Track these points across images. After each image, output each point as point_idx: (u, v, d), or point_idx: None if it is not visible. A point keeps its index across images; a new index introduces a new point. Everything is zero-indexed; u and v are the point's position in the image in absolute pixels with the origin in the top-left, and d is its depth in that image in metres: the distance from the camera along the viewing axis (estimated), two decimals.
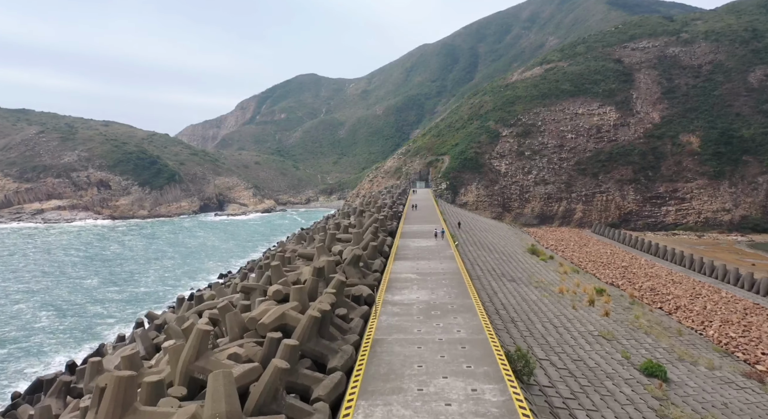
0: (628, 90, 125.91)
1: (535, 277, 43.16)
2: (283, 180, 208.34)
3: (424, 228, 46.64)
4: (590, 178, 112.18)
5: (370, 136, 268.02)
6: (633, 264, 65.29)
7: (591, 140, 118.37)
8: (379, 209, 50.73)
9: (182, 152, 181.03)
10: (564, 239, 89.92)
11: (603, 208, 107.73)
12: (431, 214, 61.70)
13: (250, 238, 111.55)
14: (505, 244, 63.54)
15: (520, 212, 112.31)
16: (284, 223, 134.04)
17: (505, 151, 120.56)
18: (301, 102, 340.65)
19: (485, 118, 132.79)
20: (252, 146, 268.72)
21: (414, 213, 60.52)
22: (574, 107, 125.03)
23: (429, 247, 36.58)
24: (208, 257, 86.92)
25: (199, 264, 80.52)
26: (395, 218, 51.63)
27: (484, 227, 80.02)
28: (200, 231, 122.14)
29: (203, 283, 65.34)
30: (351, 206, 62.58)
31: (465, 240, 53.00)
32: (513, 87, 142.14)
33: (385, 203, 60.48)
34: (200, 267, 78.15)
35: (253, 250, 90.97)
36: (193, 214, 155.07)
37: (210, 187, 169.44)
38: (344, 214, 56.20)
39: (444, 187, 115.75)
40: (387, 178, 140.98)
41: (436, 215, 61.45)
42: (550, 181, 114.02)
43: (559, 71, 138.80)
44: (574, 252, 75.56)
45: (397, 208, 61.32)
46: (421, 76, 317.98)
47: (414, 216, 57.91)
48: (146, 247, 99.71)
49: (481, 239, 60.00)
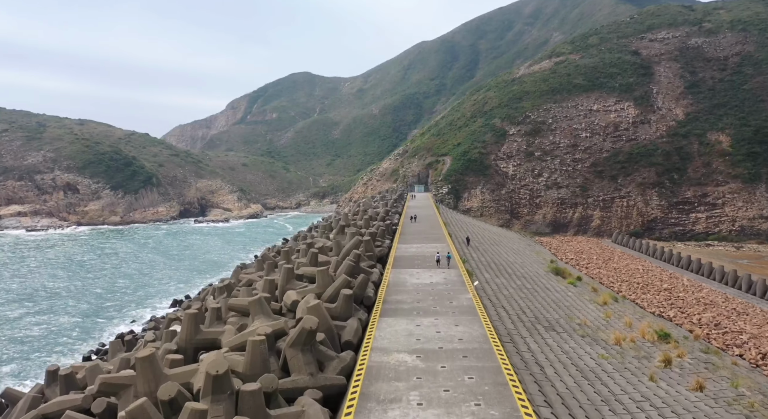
0: (648, 84, 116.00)
1: (575, 316, 32.63)
2: (272, 183, 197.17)
3: (425, 250, 36.10)
4: (608, 181, 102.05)
5: (365, 136, 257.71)
6: (676, 286, 54.86)
7: (608, 139, 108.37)
8: (368, 222, 40.10)
9: (162, 153, 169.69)
10: (584, 251, 79.60)
11: (623, 214, 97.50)
12: (433, 227, 51.12)
13: (223, 250, 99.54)
14: (523, 262, 53.01)
15: (530, 219, 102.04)
16: (269, 231, 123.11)
17: (512, 151, 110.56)
18: (294, 101, 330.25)
19: (490, 115, 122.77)
20: (241, 147, 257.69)
21: (412, 227, 49.94)
22: (588, 103, 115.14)
23: (434, 286, 25.95)
24: (168, 277, 74.47)
25: (152, 288, 67.75)
26: (388, 234, 41.04)
27: (494, 239, 69.51)
28: (173, 240, 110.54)
29: (155, 312, 54.45)
30: (335, 217, 51.89)
31: (477, 262, 42.43)
32: (520, 82, 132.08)
33: (377, 213, 49.82)
34: (151, 293, 65.15)
35: (224, 268, 79.27)
36: (172, 220, 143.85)
37: (191, 191, 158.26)
38: (326, 227, 45.52)
39: (445, 191, 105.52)
40: (382, 181, 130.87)
41: (439, 228, 50.87)
42: (563, 185, 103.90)
43: (570, 64, 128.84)
44: (601, 268, 65.17)
45: (391, 219, 50.69)
46: (420, 74, 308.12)
47: (412, 230, 47.32)
48: (94, 264, 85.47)
49: (495, 257, 49.45)
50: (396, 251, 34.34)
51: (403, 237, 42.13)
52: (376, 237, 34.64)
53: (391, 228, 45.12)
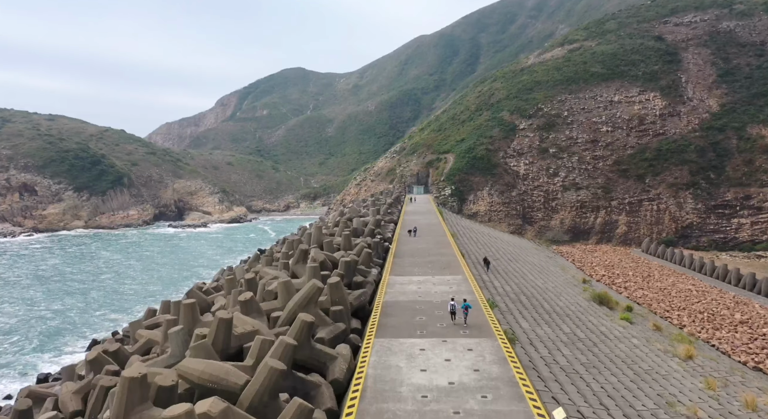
0: (675, 72, 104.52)
1: (672, 399, 20.67)
2: (259, 183, 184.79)
3: (431, 288, 24.14)
4: (634, 181, 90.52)
5: (360, 134, 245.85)
6: (752, 317, 43.09)
7: (632, 134, 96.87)
8: (349, 239, 28.05)
9: (137, 151, 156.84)
10: (614, 264, 67.88)
11: (654, 219, 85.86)
12: (440, 244, 39.08)
13: (187, 263, 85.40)
14: (556, 288, 41.15)
15: (545, 225, 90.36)
16: (249, 238, 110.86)
17: (523, 147, 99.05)
18: (286, 98, 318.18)
19: (497, 107, 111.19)
20: (228, 145, 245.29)
21: (412, 244, 37.96)
22: (609, 93, 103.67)
23: (458, 398, 13.65)
24: (102, 302, 60.41)
25: (73, 320, 53.56)
26: (378, 255, 29.06)
27: (511, 253, 57.64)
28: (136, 249, 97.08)
29: (64, 360, 42.03)
30: (302, 235, 39.21)
31: (504, 295, 30.54)
32: (530, 71, 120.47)
33: (364, 223, 37.74)
34: (66, 329, 50.71)
35: (180, 287, 65.71)
36: (144, 225, 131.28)
37: (167, 192, 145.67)
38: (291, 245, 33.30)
39: (448, 192, 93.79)
40: (377, 182, 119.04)
41: (447, 245, 38.81)
42: (582, 185, 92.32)
43: (586, 51, 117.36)
44: (644, 289, 53.44)
45: (384, 232, 38.67)
46: (418, 70, 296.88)
47: (412, 250, 35.35)
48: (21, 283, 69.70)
49: (522, 283, 37.57)
50: (385, 295, 22.30)
51: (398, 263, 30.17)
52: (356, 267, 22.69)
53: (383, 245, 33.15)
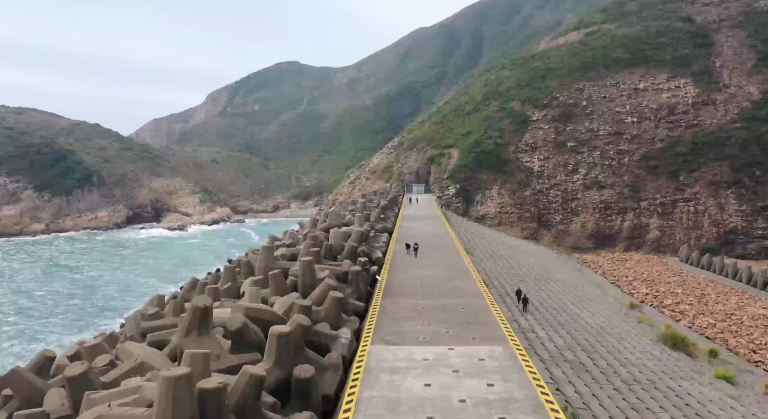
0: (708, 57, 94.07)
1: None
2: (246, 182, 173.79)
3: (450, 385, 13.09)
4: (666, 178, 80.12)
5: (357, 129, 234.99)
6: None
7: (662, 125, 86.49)
8: (310, 272, 17.27)
9: (111, 146, 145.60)
10: (654, 278, 57.28)
11: (691, 223, 75.32)
12: (453, 271, 27.91)
13: (145, 276, 73.08)
14: (606, 319, 30.49)
15: (564, 229, 79.83)
16: (228, 242, 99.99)
17: (537, 141, 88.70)
18: (279, 92, 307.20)
19: (507, 97, 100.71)
20: (216, 142, 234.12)
21: (411, 270, 26.97)
22: (633, 81, 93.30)
23: None
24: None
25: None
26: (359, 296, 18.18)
27: (536, 268, 47.07)
28: (84, 259, 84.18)
29: None
30: (236, 266, 27.88)
31: (553, 352, 19.71)
32: (542, 57, 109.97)
33: (346, 236, 26.92)
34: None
35: (122, 311, 53.79)
36: (115, 228, 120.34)
37: (143, 192, 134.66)
38: (221, 277, 22.47)
39: (452, 192, 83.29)
40: (373, 180, 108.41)
41: (464, 273, 27.71)
42: (606, 184, 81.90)
43: (605, 35, 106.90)
44: (704, 314, 42.87)
45: (372, 251, 27.87)
46: (418, 62, 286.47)
47: (411, 282, 24.31)
48: None
49: (565, 320, 26.88)
50: (358, 402, 11.28)
51: (389, 310, 19.16)
52: (311, 332, 12.02)
53: (368, 275, 22.34)
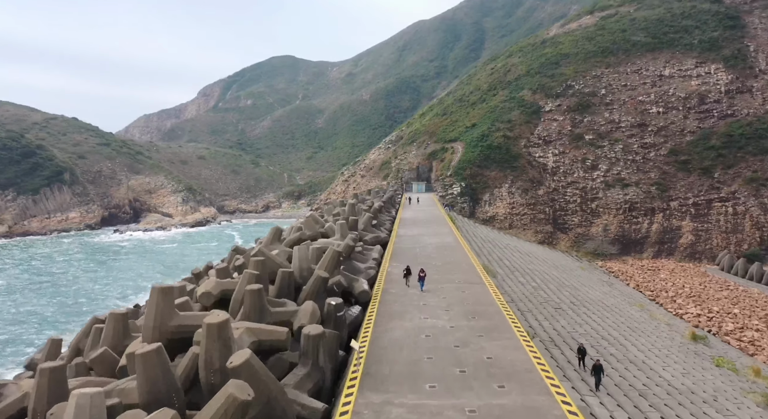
0: (740, 39, 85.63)
1: None
2: (235, 180, 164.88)
3: None
4: (699, 175, 71.70)
5: (353, 125, 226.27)
6: None
7: (691, 115, 78.04)
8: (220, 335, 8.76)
9: (87, 141, 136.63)
10: (698, 294, 48.79)
11: (730, 226, 66.79)
12: (482, 321, 19.30)
13: (97, 289, 65.24)
14: (687, 369, 21.73)
15: (583, 232, 71.32)
16: (211, 247, 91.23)
17: (551, 133, 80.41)
18: (273, 87, 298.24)
19: (516, 86, 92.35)
20: (207, 138, 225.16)
21: (404, 323, 18.32)
22: (657, 66, 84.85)
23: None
24: None
25: None
26: (317, 395, 9.26)
27: (568, 286, 38.53)
28: (42, 265, 74.90)
29: None
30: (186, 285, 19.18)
31: None
32: (554, 42, 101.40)
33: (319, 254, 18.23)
34: None
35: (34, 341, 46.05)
36: (88, 230, 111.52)
37: (121, 190, 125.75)
38: None
39: (457, 191, 74.78)
40: (369, 178, 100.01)
41: (498, 321, 19.03)
42: (630, 181, 73.49)
43: (623, 18, 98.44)
44: None
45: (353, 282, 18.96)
46: (417, 56, 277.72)
47: (406, 345, 15.74)
48: None
49: (657, 401, 18.09)
50: None
51: None
52: None
53: (338, 343, 13.64)
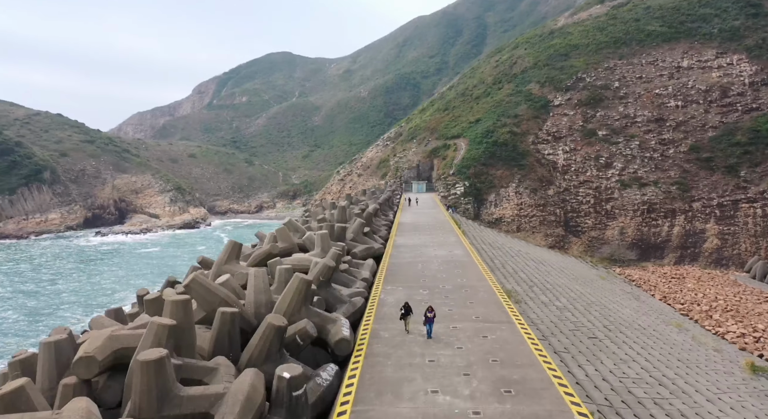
0: (764, 28, 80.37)
1: None
2: (227, 179, 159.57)
3: None
4: (723, 174, 66.49)
5: (351, 122, 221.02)
6: None
7: (713, 109, 72.79)
8: None
9: (70, 138, 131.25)
10: (736, 308, 43.61)
11: (759, 229, 61.55)
12: (524, 403, 13.92)
13: (63, 300, 59.07)
14: None
15: (598, 236, 66.04)
16: (197, 251, 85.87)
17: (561, 129, 75.23)
18: (269, 84, 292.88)
19: (523, 79, 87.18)
20: (200, 135, 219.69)
21: (402, 408, 12.92)
22: (674, 57, 79.64)
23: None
24: None
25: None
26: None
27: (598, 310, 33.12)
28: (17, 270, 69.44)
29: None
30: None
31: None
32: (563, 33, 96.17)
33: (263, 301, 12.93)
34: None
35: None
36: (69, 231, 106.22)
37: (105, 190, 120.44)
38: None
39: (460, 191, 69.60)
40: (366, 176, 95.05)
41: (549, 405, 13.58)
42: (648, 181, 68.31)
43: (636, 6, 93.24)
44: None
45: (330, 329, 13.42)
46: (417, 52, 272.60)
47: None
48: None
49: None
50: None
51: None
52: None
53: None
